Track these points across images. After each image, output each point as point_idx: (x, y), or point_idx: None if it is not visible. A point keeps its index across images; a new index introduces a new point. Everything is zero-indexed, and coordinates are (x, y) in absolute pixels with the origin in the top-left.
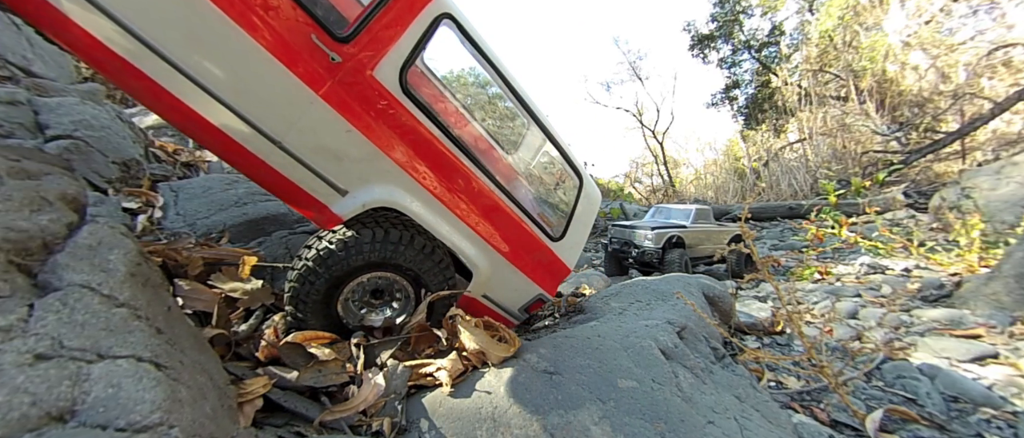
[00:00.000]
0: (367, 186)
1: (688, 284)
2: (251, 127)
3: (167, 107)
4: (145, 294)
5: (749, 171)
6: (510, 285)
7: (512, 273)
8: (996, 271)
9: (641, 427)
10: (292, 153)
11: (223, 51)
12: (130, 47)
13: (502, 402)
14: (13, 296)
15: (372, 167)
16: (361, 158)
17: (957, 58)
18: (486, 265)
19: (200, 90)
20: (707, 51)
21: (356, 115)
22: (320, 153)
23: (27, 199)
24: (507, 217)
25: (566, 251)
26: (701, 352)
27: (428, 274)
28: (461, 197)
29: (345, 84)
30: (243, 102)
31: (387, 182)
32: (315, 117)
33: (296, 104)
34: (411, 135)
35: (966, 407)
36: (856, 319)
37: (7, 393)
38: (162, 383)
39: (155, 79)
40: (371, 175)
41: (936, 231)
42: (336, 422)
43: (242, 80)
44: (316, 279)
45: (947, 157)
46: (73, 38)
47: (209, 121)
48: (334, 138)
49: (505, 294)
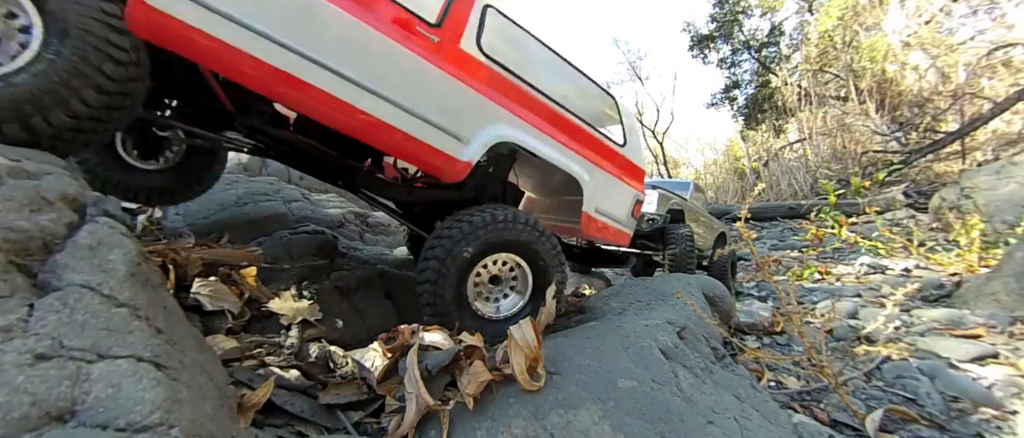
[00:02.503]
0: (482, 130)
1: (688, 284)
2: (391, 103)
3: (326, 105)
4: (145, 294)
5: (749, 171)
6: (611, 192)
7: (608, 179)
8: (996, 271)
9: (641, 427)
10: (423, 117)
11: (369, 52)
12: (302, 67)
13: (501, 402)
14: (13, 296)
15: (482, 114)
16: (472, 108)
17: (957, 58)
18: (588, 176)
19: (352, 84)
20: (707, 51)
21: (459, 75)
22: (443, 111)
23: (27, 199)
24: (585, 135)
25: (633, 153)
26: (701, 352)
27: (546, 254)
28: (550, 124)
29: (445, 55)
30: (384, 84)
31: (496, 123)
32: (433, 82)
33: (419, 76)
34: (501, 84)
35: (966, 407)
36: (856, 319)
37: (7, 393)
38: (162, 383)
39: (319, 85)
40: (483, 121)
41: (936, 231)
42: (338, 422)
43: (380, 68)
44: (451, 261)
45: (947, 157)
46: (248, 71)
47: (359, 108)
48: (450, 95)
49: (611, 203)
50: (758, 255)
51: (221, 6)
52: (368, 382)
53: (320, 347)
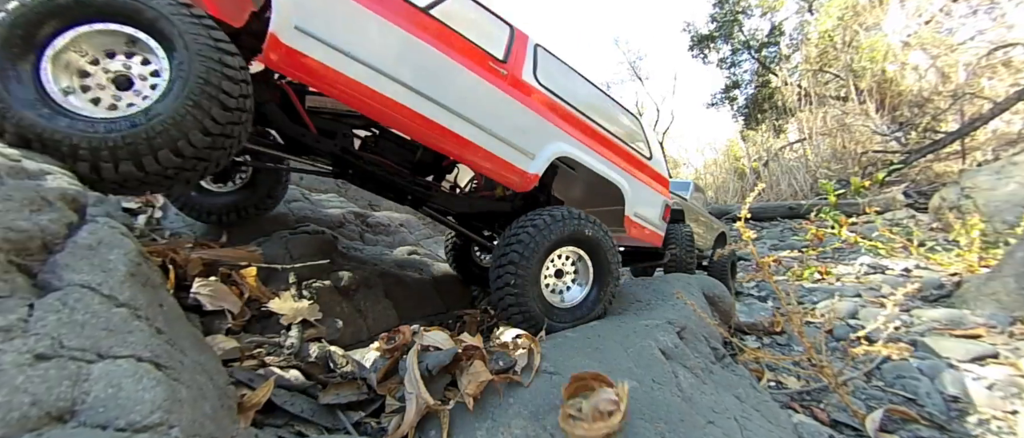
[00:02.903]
0: (546, 147)
1: (688, 284)
2: (474, 125)
3: (425, 129)
4: (145, 294)
5: (749, 171)
6: (645, 198)
7: (642, 188)
8: (996, 271)
9: (641, 427)
10: (500, 136)
11: (458, 83)
12: (405, 94)
13: (501, 402)
14: (13, 296)
15: (544, 133)
16: (536, 128)
17: (957, 58)
18: (627, 184)
19: (446, 110)
20: (707, 51)
21: (524, 100)
22: (514, 131)
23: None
24: (621, 149)
25: (660, 165)
26: (701, 352)
27: (607, 249)
28: (594, 141)
29: (511, 84)
30: (469, 109)
31: (555, 141)
32: (506, 107)
33: (496, 101)
34: (555, 108)
35: (966, 407)
36: (856, 319)
37: (7, 393)
38: (162, 383)
39: (421, 112)
40: (546, 139)
41: (936, 231)
42: (338, 422)
43: (466, 94)
44: (535, 247)
45: (947, 157)
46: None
47: (451, 130)
48: (519, 117)
49: (646, 207)
50: (758, 255)
51: (352, 50)
52: (368, 382)
53: (320, 347)
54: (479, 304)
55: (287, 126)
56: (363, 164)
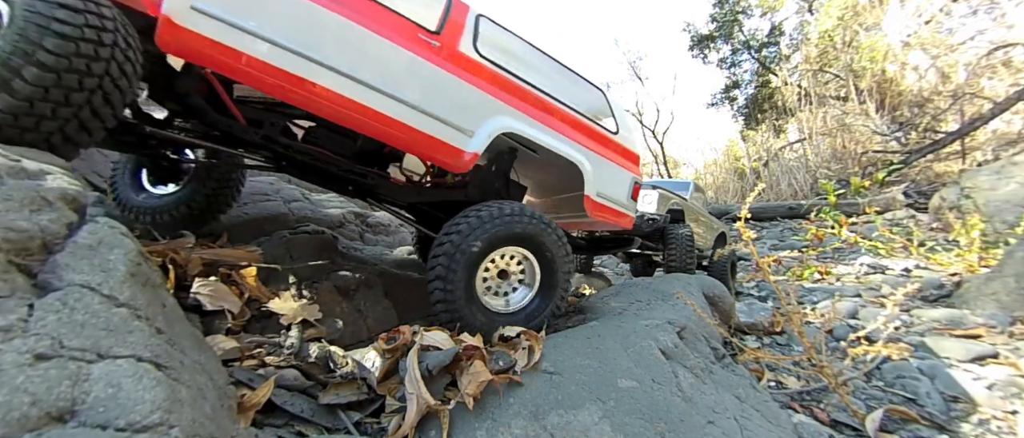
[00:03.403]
0: (485, 123)
1: (688, 284)
2: (400, 102)
3: (344, 109)
4: (145, 294)
5: (749, 171)
6: (610, 176)
7: (606, 165)
8: (996, 271)
9: (641, 427)
10: (430, 113)
11: (378, 57)
12: (320, 72)
13: (501, 402)
14: (13, 296)
15: (484, 108)
16: (474, 103)
17: (957, 58)
18: (586, 162)
19: (365, 86)
20: (707, 51)
21: (460, 74)
22: (449, 107)
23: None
24: (580, 123)
25: (628, 139)
26: (701, 352)
27: (553, 247)
28: (547, 115)
29: (446, 57)
30: (393, 85)
31: (497, 116)
32: (437, 81)
33: (425, 76)
34: (499, 81)
35: (966, 407)
36: (856, 319)
37: (7, 393)
38: (162, 383)
39: (338, 91)
40: (485, 114)
41: (936, 231)
42: (338, 422)
43: (389, 69)
44: (459, 255)
45: (947, 157)
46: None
47: (373, 109)
48: (453, 93)
49: (611, 186)
50: (758, 255)
51: (256, 27)
52: (368, 382)
53: (320, 347)
54: None
55: (214, 117)
56: (294, 154)
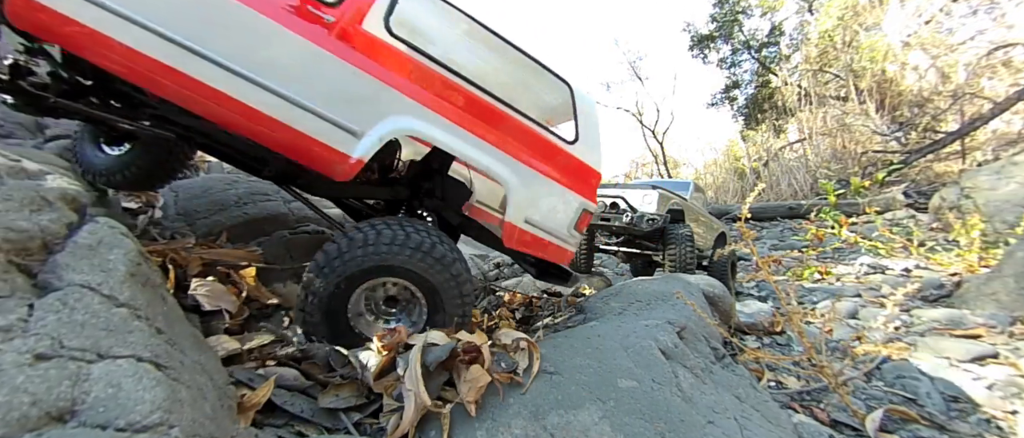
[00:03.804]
0: (380, 122)
1: (688, 284)
2: (272, 93)
3: (199, 96)
4: (145, 294)
5: (749, 171)
6: (548, 199)
7: (544, 184)
8: (996, 271)
9: (641, 427)
10: (310, 108)
11: (247, 36)
12: (169, 51)
13: (501, 402)
14: (13, 296)
15: (381, 104)
16: (370, 97)
17: (957, 58)
18: (515, 179)
19: (228, 72)
20: (707, 51)
21: (355, 60)
22: (333, 100)
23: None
24: (518, 128)
25: (587, 153)
26: (701, 352)
27: (433, 275)
28: (470, 115)
29: (340, 37)
30: (264, 71)
31: (397, 114)
32: (321, 67)
33: (307, 62)
34: (410, 70)
35: (966, 407)
36: (856, 319)
37: (7, 393)
38: (162, 383)
39: (191, 74)
40: (381, 112)
41: (936, 231)
42: (338, 422)
43: (257, 50)
44: (314, 299)
45: (947, 157)
46: (115, 58)
47: (234, 98)
48: (341, 82)
49: (547, 212)
50: (758, 255)
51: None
52: (366, 381)
53: (320, 346)
54: (479, 304)
55: (115, 89)
56: (198, 131)
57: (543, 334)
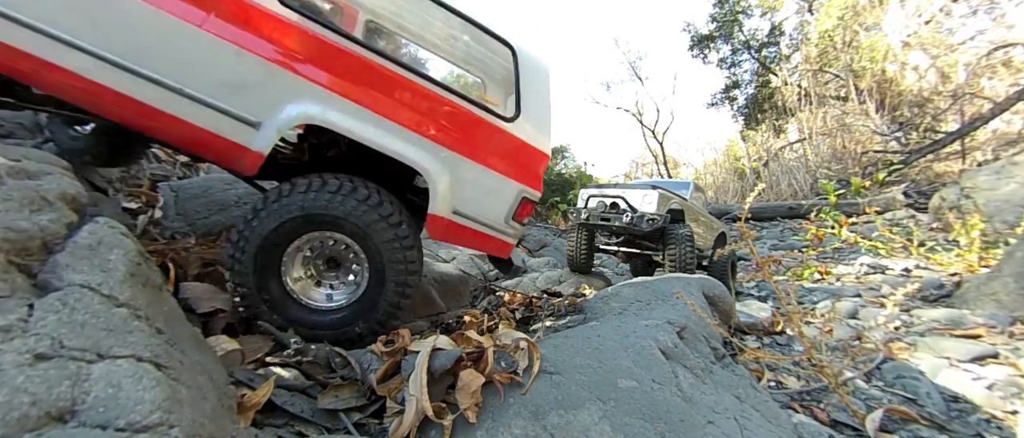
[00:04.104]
0: (277, 110)
1: (688, 284)
2: (156, 84)
3: (80, 90)
4: (145, 294)
5: (749, 171)
6: (479, 188)
7: (475, 170)
8: (996, 271)
9: (641, 427)
10: (198, 97)
11: (121, 20)
12: (38, 43)
13: (501, 402)
14: (13, 296)
15: (275, 88)
16: (261, 81)
17: (957, 58)
18: (438, 167)
19: (102, 62)
20: (707, 51)
21: (241, 39)
22: (224, 88)
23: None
24: (440, 103)
25: (530, 131)
26: (701, 352)
27: (377, 232)
28: (378, 93)
29: (225, 14)
30: (144, 58)
31: (296, 99)
32: (204, 50)
33: (188, 43)
34: (307, 46)
35: (966, 407)
36: (856, 319)
37: (7, 393)
38: (162, 383)
39: (66, 66)
40: (278, 97)
41: (936, 231)
42: (338, 422)
43: (135, 35)
44: (244, 243)
45: (947, 157)
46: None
47: (116, 90)
48: (229, 67)
49: (479, 203)
50: (758, 255)
51: None
52: (368, 383)
53: (320, 347)
54: (479, 304)
55: None
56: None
57: (543, 334)
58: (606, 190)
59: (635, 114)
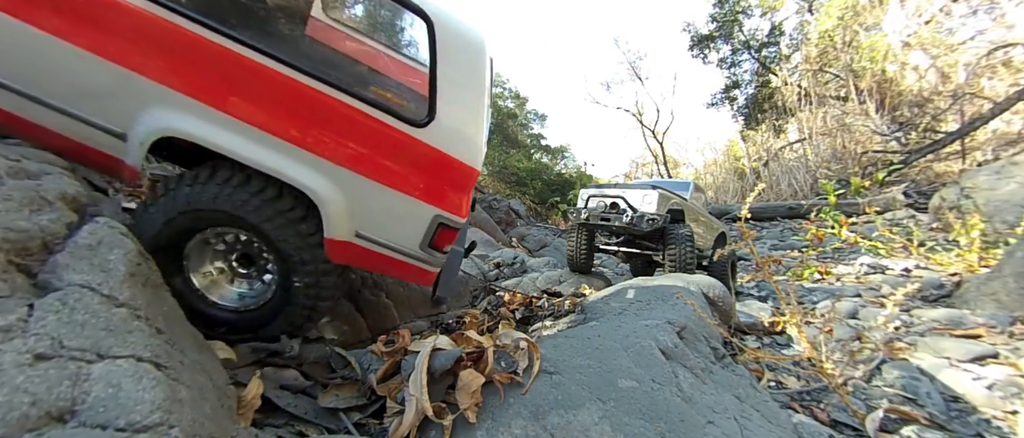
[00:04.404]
0: (138, 120)
1: (688, 284)
2: (11, 92)
3: None
4: (145, 294)
5: (749, 171)
6: (383, 211)
7: (375, 191)
8: (996, 271)
9: (641, 427)
10: (56, 107)
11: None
12: None
13: (501, 402)
14: (13, 296)
15: (129, 95)
16: (112, 87)
17: (957, 58)
18: (327, 187)
19: None
20: (707, 51)
21: (80, 37)
22: (77, 97)
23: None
24: (329, 107)
25: (450, 138)
26: (701, 352)
27: (275, 230)
28: (251, 96)
29: (60, 10)
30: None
31: (153, 108)
32: (48, 55)
33: (32, 47)
34: (161, 41)
35: (966, 407)
36: (856, 319)
37: (7, 393)
38: (162, 383)
39: None
40: (134, 105)
41: (936, 231)
42: (339, 422)
43: None
44: (142, 226)
45: (947, 157)
46: None
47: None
48: (75, 72)
49: (385, 226)
50: (758, 255)
51: None
52: (368, 383)
53: (320, 346)
54: (479, 304)
55: None
56: None
57: (543, 334)
58: (606, 190)
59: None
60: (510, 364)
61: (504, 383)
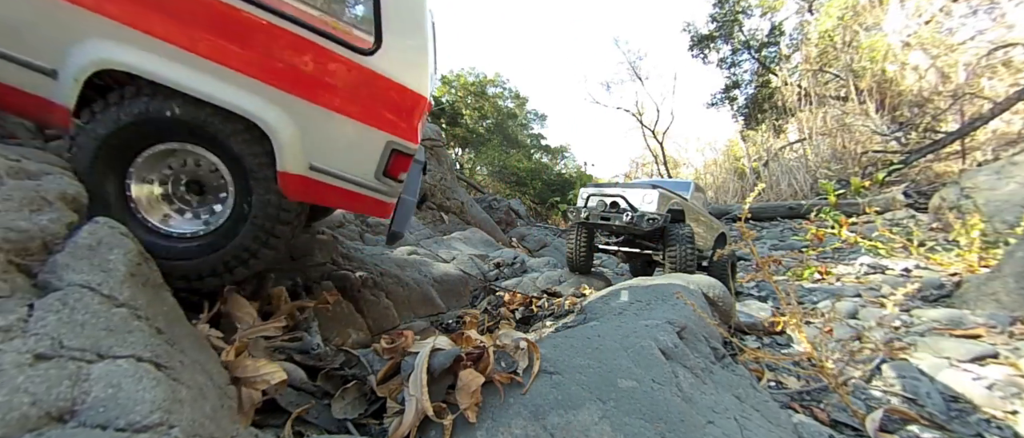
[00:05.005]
0: (68, 55)
1: (688, 284)
2: None
3: None
4: (145, 294)
5: (749, 171)
6: (335, 139)
7: (326, 118)
8: (996, 271)
9: (641, 427)
10: None
11: None
12: None
13: (501, 402)
14: (13, 296)
15: (56, 25)
16: (34, 17)
17: (957, 58)
18: (277, 117)
19: None
20: (707, 51)
21: None
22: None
23: (27, 199)
24: (274, 35)
25: (399, 64)
26: (701, 352)
27: (244, 147)
28: (192, 24)
29: None
30: None
31: (83, 38)
32: None
33: None
34: None
35: (966, 407)
36: (856, 319)
37: (7, 393)
38: (162, 383)
39: None
40: (62, 37)
41: (936, 231)
42: (339, 422)
43: None
44: (89, 133)
45: (947, 157)
46: None
47: None
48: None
49: (339, 156)
50: (758, 255)
51: None
52: (369, 384)
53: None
54: (479, 304)
55: None
56: None
57: (543, 334)
58: (606, 190)
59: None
60: (510, 364)
61: (504, 383)
